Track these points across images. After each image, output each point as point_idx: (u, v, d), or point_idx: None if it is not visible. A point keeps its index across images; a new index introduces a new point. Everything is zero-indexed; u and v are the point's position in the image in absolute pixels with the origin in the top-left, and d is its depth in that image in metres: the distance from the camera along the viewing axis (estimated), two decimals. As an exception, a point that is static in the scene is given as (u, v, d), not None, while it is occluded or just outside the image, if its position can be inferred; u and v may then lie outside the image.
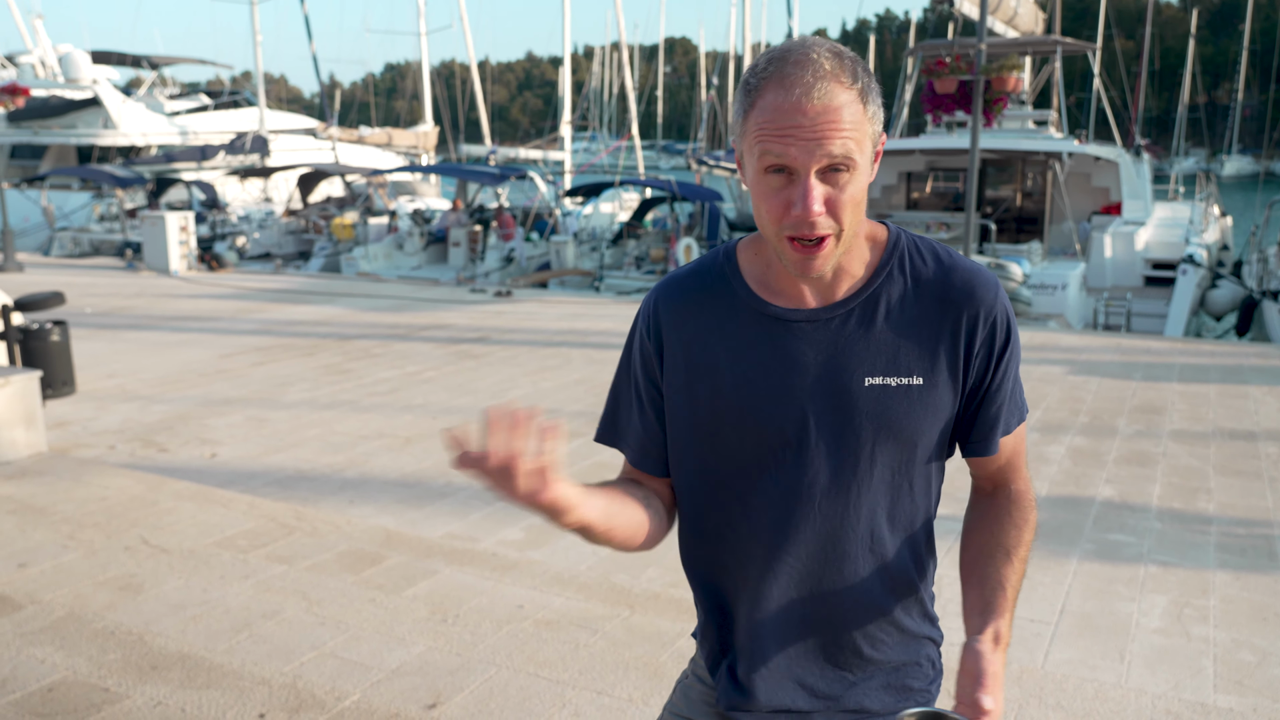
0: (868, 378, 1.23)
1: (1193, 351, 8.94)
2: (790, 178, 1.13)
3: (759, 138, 1.13)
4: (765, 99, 1.12)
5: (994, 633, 1.19)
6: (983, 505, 1.38)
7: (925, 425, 1.25)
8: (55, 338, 6.69)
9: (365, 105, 55.66)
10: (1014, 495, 1.36)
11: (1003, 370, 1.27)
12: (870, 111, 1.14)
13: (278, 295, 12.58)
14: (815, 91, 1.10)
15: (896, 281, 1.25)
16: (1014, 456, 1.36)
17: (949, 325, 1.24)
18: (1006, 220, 15.59)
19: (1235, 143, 64.46)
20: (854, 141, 1.11)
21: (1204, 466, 5.43)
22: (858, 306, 1.24)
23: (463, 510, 4.73)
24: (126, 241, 18.13)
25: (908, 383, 1.23)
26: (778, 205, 1.14)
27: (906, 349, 1.23)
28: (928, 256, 1.27)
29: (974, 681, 1.13)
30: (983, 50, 9.54)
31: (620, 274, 15.98)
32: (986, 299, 1.24)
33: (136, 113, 26.52)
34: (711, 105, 38.23)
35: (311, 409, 6.68)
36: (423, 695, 2.97)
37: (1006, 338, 1.26)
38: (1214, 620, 3.57)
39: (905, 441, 1.25)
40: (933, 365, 1.24)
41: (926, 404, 1.24)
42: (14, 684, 3.01)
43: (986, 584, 1.26)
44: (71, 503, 4.62)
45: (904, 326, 1.24)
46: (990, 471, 1.37)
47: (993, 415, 1.29)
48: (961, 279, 1.25)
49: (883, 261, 1.26)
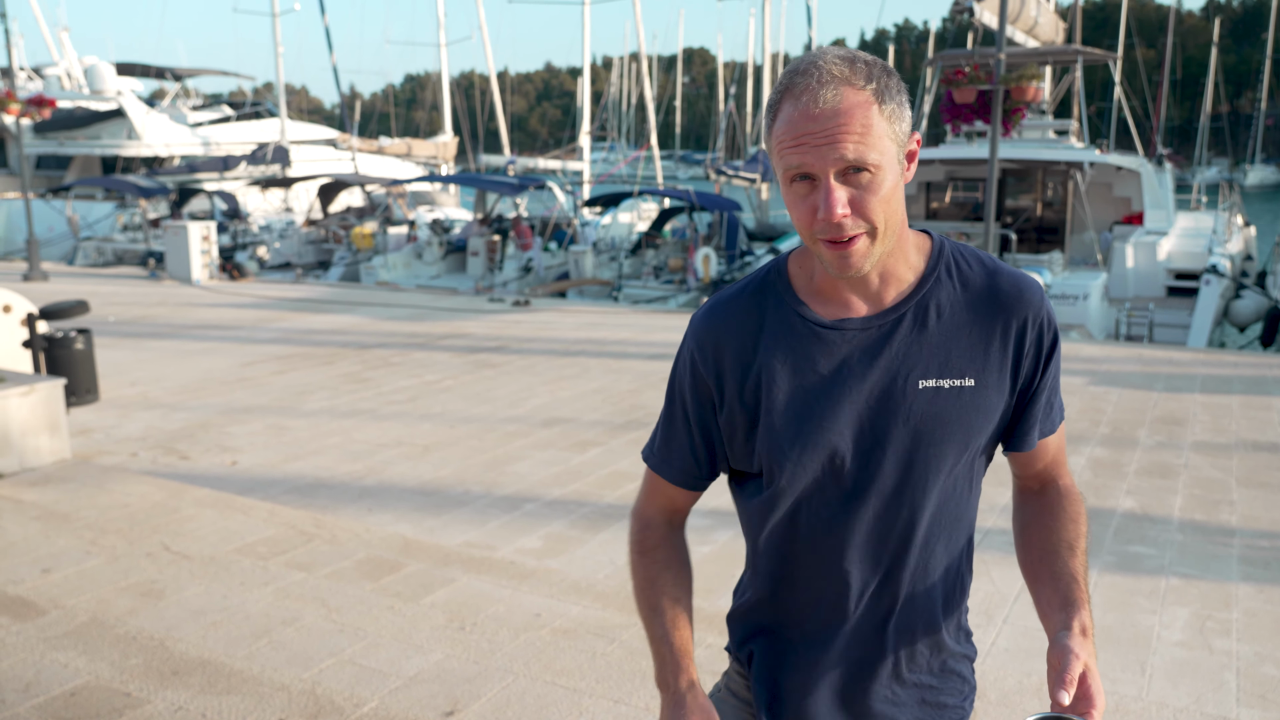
0: (921, 380, 1.25)
1: (1215, 362, 8.86)
2: (813, 184, 1.15)
3: (780, 151, 1.16)
4: (782, 112, 1.15)
5: (1080, 625, 1.19)
6: (1034, 504, 1.38)
7: (977, 425, 1.27)
8: (79, 346, 6.77)
9: (385, 116, 56.02)
10: (1064, 490, 1.37)
11: (1049, 372, 1.30)
12: (887, 110, 1.14)
13: (298, 304, 12.68)
14: (821, 97, 1.11)
15: (945, 286, 1.27)
16: (1058, 453, 1.39)
17: (999, 328, 1.26)
18: (1027, 230, 15.52)
19: (1259, 152, 63.91)
20: (867, 143, 1.12)
21: (1226, 478, 5.38)
22: (909, 311, 1.26)
23: (480, 518, 4.74)
24: (149, 251, 18.32)
25: (960, 384, 1.25)
26: (806, 212, 1.16)
27: (958, 351, 1.25)
28: (973, 262, 1.29)
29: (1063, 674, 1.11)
30: (1002, 60, 9.51)
31: (639, 283, 16.01)
32: (1034, 302, 1.27)
33: (160, 124, 26.84)
34: (730, 115, 38.27)
35: (331, 417, 6.72)
36: (440, 702, 2.98)
37: (1054, 340, 1.29)
38: (1237, 633, 3.54)
39: (958, 442, 1.26)
40: (984, 366, 1.26)
41: (978, 405, 1.26)
42: (37, 688, 3.04)
43: (1060, 579, 1.26)
44: (94, 509, 4.67)
45: (954, 329, 1.26)
46: (1037, 469, 1.39)
47: (1036, 413, 1.32)
48: (1009, 283, 1.27)
49: (929, 267, 1.28)
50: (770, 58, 34.62)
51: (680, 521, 1.47)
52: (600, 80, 59.56)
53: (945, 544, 1.32)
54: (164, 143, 26.45)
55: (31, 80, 28.49)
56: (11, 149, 26.18)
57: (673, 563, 1.43)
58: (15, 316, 6.56)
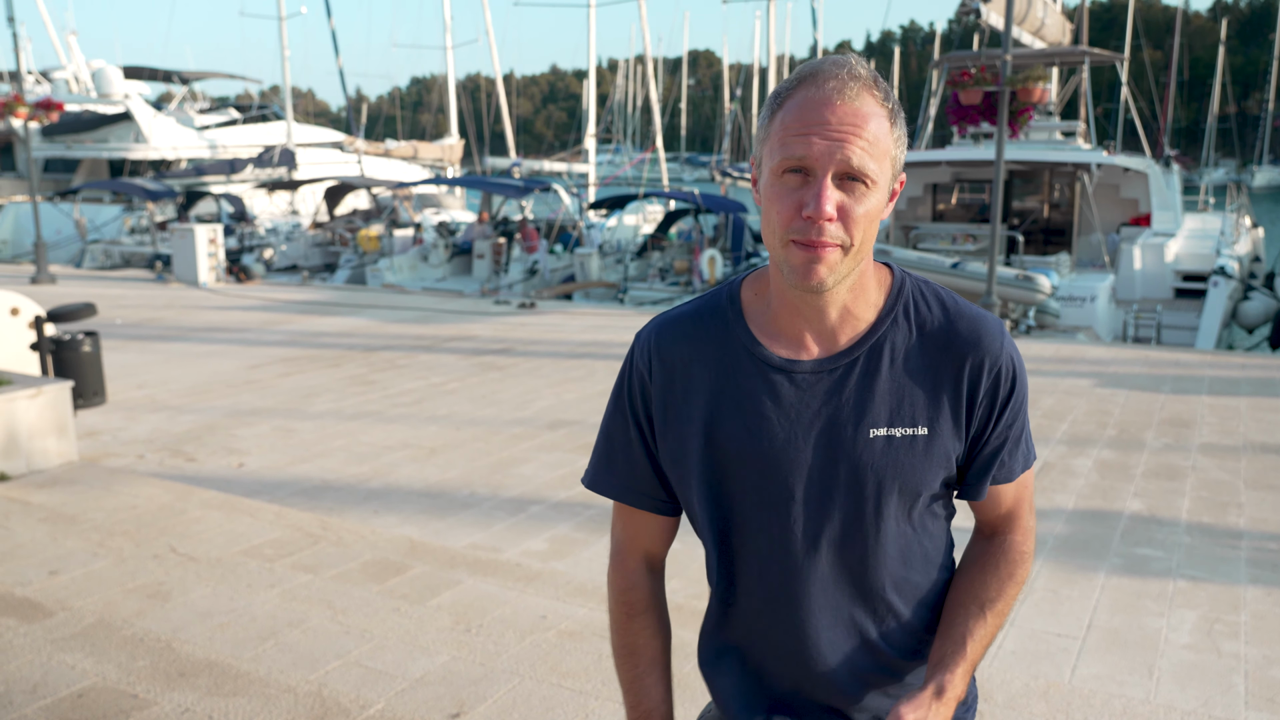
0: (872, 429, 1.19)
1: (1222, 364, 8.83)
2: (806, 179, 1.10)
3: (782, 138, 1.11)
4: (795, 97, 1.11)
5: (937, 686, 1.18)
6: (975, 551, 1.34)
7: (930, 475, 1.22)
8: (86, 348, 6.79)
9: (391, 119, 56.12)
10: (1007, 546, 1.31)
11: (1006, 419, 1.24)
12: (896, 135, 1.13)
13: (304, 307, 12.70)
14: (848, 91, 1.09)
15: (901, 328, 1.22)
16: (1016, 504, 1.31)
17: (952, 373, 1.21)
18: (1034, 232, 15.49)
19: (1266, 153, 63.73)
20: (874, 157, 1.10)
21: (1234, 480, 5.36)
22: (861, 356, 1.21)
23: (486, 521, 4.75)
24: (156, 254, 18.37)
25: (913, 433, 1.20)
26: (789, 207, 1.11)
27: (910, 399, 1.20)
28: (933, 303, 1.24)
29: None
30: (1008, 61, 9.50)
31: (645, 286, 16.01)
32: (992, 348, 1.21)
33: (167, 127, 26.94)
34: (735, 117, 38.27)
35: (337, 419, 6.73)
36: (446, 705, 2.98)
37: (1011, 387, 1.23)
38: (1245, 636, 3.52)
39: (911, 491, 1.22)
40: (937, 414, 1.21)
41: (931, 454, 1.21)
42: (45, 689, 3.05)
43: (950, 637, 1.23)
44: (101, 511, 4.68)
45: (908, 376, 1.21)
46: (991, 518, 1.33)
47: (985, 462, 1.26)
48: (967, 326, 1.22)
49: (887, 307, 1.23)
50: (775, 60, 34.63)
51: (660, 568, 1.41)
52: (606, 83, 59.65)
53: (916, 583, 1.28)
54: (171, 146, 26.54)
55: (39, 84, 28.63)
56: (19, 152, 26.29)
57: (660, 630, 1.39)
58: (23, 319, 6.59)
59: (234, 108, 32.27)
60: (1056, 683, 3.16)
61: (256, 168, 25.90)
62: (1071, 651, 3.41)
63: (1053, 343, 10.29)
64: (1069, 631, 3.56)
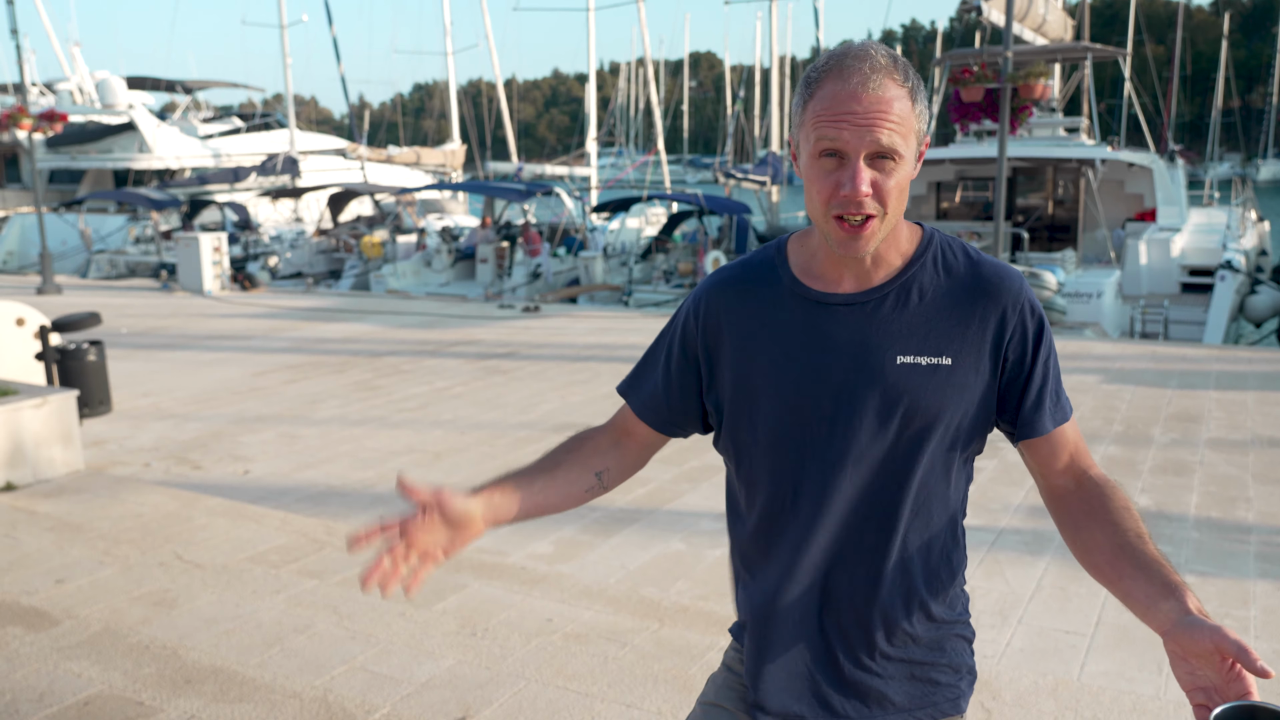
0: (900, 356, 1.29)
1: (1229, 359, 8.80)
2: (841, 161, 1.21)
3: (815, 124, 1.22)
4: (824, 89, 1.22)
5: (1196, 606, 1.13)
6: (1079, 503, 1.33)
7: (952, 403, 1.30)
8: (92, 358, 6.80)
9: (394, 125, 56.25)
10: (1101, 481, 1.34)
11: (1041, 355, 1.33)
12: (918, 110, 1.24)
13: (309, 314, 12.72)
14: (871, 82, 1.19)
15: (929, 271, 1.33)
16: (1079, 443, 1.38)
17: (978, 313, 1.31)
18: (1039, 228, 15.46)
19: (1270, 147, 63.56)
20: (900, 135, 1.20)
21: (1242, 475, 5.34)
22: (892, 291, 1.32)
23: (492, 524, 4.73)
24: (161, 263, 18.42)
25: (937, 362, 1.29)
26: (828, 186, 1.22)
27: (937, 331, 1.30)
28: (959, 252, 1.36)
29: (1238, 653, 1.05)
30: (1009, 58, 9.48)
31: (649, 288, 16.00)
32: (1013, 289, 1.32)
33: (171, 136, 27.01)
34: (738, 118, 38.26)
35: (342, 425, 6.73)
36: (452, 708, 2.98)
37: (1039, 325, 1.33)
38: (1255, 631, 3.50)
39: (933, 418, 1.30)
40: (962, 348, 1.30)
41: (954, 383, 1.30)
42: (51, 698, 3.04)
43: (1150, 569, 1.20)
44: (107, 519, 4.68)
45: (935, 311, 1.31)
46: (1064, 464, 1.36)
47: (1041, 397, 1.34)
48: (990, 272, 1.33)
49: (917, 253, 1.34)
50: (778, 60, 34.60)
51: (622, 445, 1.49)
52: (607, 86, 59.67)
53: (927, 521, 1.34)
54: (175, 155, 26.61)
55: (44, 95, 28.73)
56: (24, 164, 26.38)
57: (580, 453, 1.46)
58: (28, 329, 6.60)
59: (237, 116, 32.37)
60: (1065, 680, 3.15)
61: (260, 176, 25.95)
62: (1080, 648, 3.39)
63: (1059, 339, 10.26)
64: (1077, 629, 3.54)
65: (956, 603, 1.39)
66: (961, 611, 1.40)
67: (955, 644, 1.39)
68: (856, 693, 1.36)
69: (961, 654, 1.39)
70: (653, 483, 5.28)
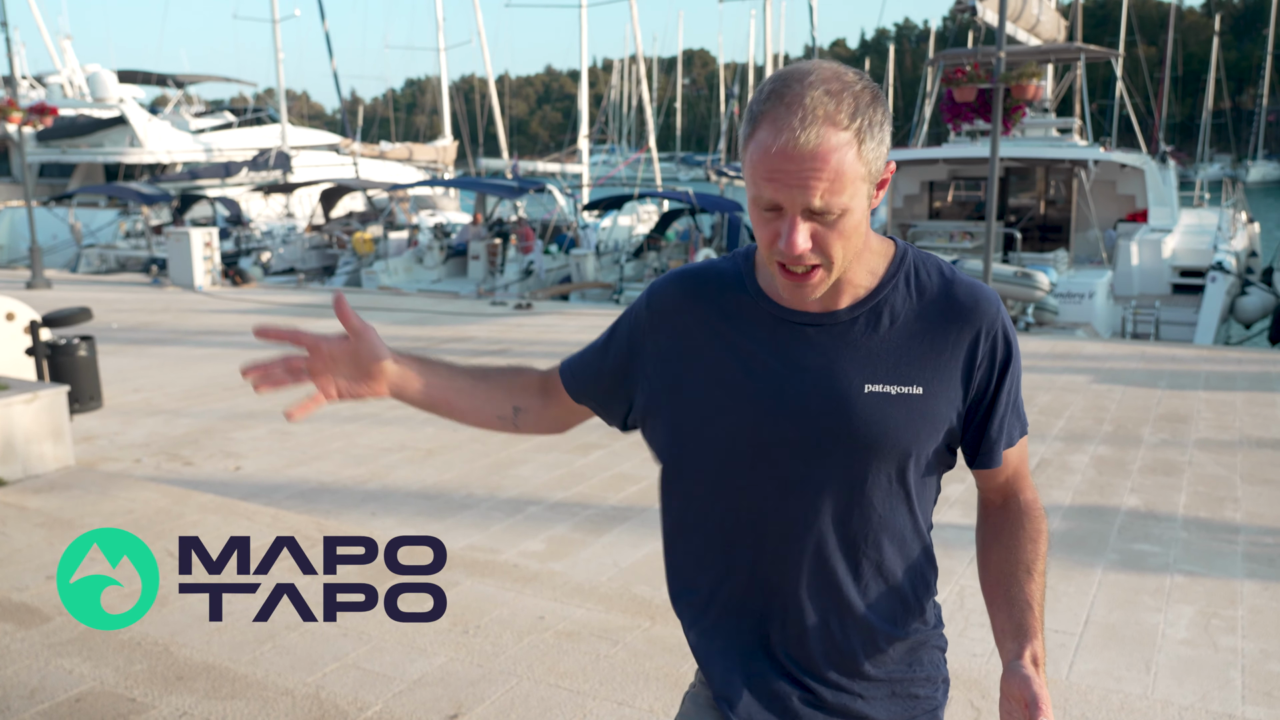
0: (868, 384, 1.24)
1: (1219, 359, 8.85)
2: (780, 212, 1.16)
3: (751, 176, 1.16)
4: (759, 136, 1.14)
5: (1032, 655, 1.19)
6: (995, 520, 1.38)
7: (923, 435, 1.26)
8: (82, 353, 6.78)
9: (386, 121, 56.06)
10: (1024, 506, 1.36)
11: (1005, 384, 1.30)
12: (866, 151, 1.14)
13: (301, 310, 12.70)
14: (804, 137, 1.10)
15: (900, 293, 1.27)
16: (1020, 466, 1.37)
17: (952, 338, 1.26)
18: (1031, 229, 15.50)
19: (1260, 148, 63.84)
20: (837, 191, 1.12)
21: (1231, 475, 5.37)
22: (863, 314, 1.26)
23: (484, 522, 4.74)
24: (152, 258, 18.35)
25: (908, 391, 1.24)
26: (769, 235, 1.17)
27: (908, 358, 1.25)
28: (932, 271, 1.29)
29: (1030, 706, 1.13)
30: (1002, 58, 9.50)
31: (640, 286, 16.01)
32: (989, 314, 1.27)
33: (162, 131, 26.90)
34: (731, 116, 38.26)
35: (334, 422, 6.73)
36: (444, 706, 2.98)
37: (1008, 352, 1.29)
38: (1242, 631, 3.53)
39: (902, 450, 1.25)
40: (934, 376, 1.26)
41: (925, 414, 1.25)
42: (42, 694, 3.04)
43: (1014, 605, 1.26)
44: (98, 516, 4.67)
45: (907, 336, 1.26)
46: (998, 484, 1.38)
47: (996, 428, 1.31)
48: (965, 294, 1.27)
49: (889, 273, 1.28)
50: (771, 58, 34.63)
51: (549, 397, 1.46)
52: (600, 83, 59.63)
53: (898, 546, 1.31)
54: (166, 149, 26.51)
55: (34, 88, 28.55)
56: (14, 157, 26.23)
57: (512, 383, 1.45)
58: (18, 324, 6.57)
59: (229, 111, 32.22)
60: (1054, 679, 3.17)
61: (252, 171, 25.87)
62: (1069, 647, 3.41)
63: (1050, 339, 10.31)
64: (1066, 627, 3.56)
65: (929, 615, 1.38)
66: (935, 623, 1.40)
67: (931, 655, 1.38)
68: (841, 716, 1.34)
69: (937, 665, 1.39)
70: (644, 481, 5.29)
